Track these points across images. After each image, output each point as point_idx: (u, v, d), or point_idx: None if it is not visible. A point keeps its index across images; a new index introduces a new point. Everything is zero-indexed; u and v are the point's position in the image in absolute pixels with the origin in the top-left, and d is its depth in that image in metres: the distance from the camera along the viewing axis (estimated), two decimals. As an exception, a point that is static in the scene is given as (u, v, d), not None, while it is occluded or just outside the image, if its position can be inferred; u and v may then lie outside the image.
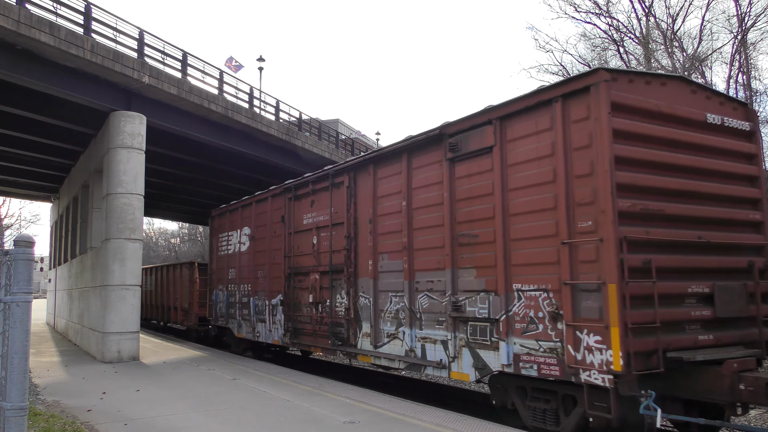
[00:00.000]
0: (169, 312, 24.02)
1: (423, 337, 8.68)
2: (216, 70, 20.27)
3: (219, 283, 16.78)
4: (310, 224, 12.04)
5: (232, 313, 15.76)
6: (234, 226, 16.11)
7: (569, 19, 27.78)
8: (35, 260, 21.25)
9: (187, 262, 22.09)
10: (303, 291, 12.20)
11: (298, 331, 12.38)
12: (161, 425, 7.49)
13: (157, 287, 26.07)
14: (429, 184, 8.75)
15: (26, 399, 3.95)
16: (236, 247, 15.69)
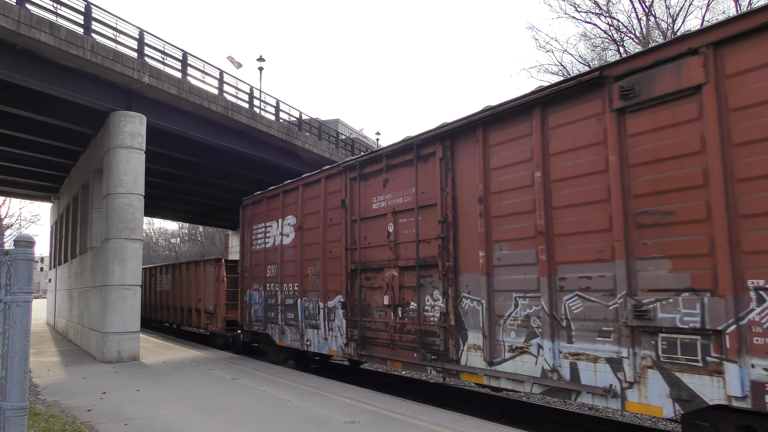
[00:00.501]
0: (189, 315, 21.37)
1: (574, 352, 6.59)
2: (216, 70, 20.29)
3: (254, 283, 14.63)
4: (382, 209, 9.87)
5: (272, 317, 13.58)
6: (273, 215, 13.84)
7: (569, 19, 27.83)
8: (35, 260, 21.12)
9: (212, 259, 19.31)
10: (373, 291, 10.05)
11: (367, 340, 10.12)
12: (161, 425, 7.49)
13: (174, 287, 23.18)
14: (580, 146, 6.66)
15: (26, 399, 3.96)
16: (276, 240, 13.53)
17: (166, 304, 24.48)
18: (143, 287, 25.61)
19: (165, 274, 24.64)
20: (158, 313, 25.72)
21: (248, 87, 22.53)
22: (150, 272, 27.03)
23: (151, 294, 26.82)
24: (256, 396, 9.48)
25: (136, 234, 15.36)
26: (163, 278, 24.74)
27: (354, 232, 10.61)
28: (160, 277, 25.24)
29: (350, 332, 10.52)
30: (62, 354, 16.49)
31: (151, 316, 26.64)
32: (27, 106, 15.83)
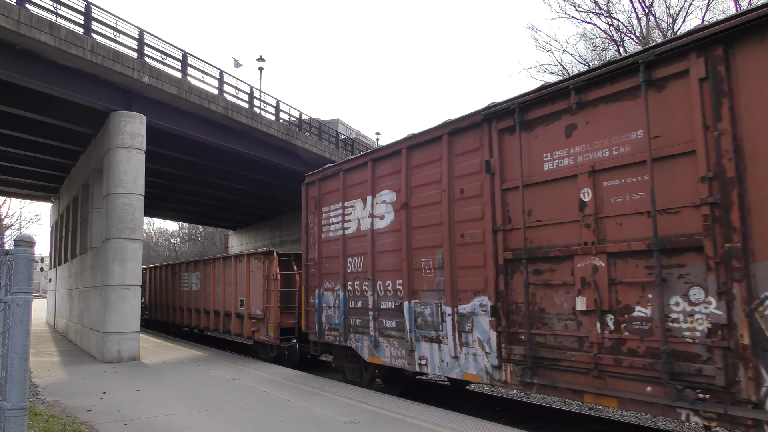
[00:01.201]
0: (226, 320, 17.68)
1: None
2: (216, 70, 20.30)
3: (325, 280, 11.52)
4: (567, 168, 6.90)
5: (358, 325, 10.51)
6: (356, 192, 10.80)
7: (569, 19, 27.85)
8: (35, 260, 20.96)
9: (259, 252, 15.55)
10: (552, 290, 6.96)
11: (541, 363, 7.00)
12: (161, 425, 7.49)
13: (204, 286, 19.49)
14: None
15: (26, 399, 3.96)
16: (363, 224, 10.48)
17: (190, 306, 20.79)
18: (161, 286, 24.37)
19: (192, 272, 20.91)
20: (178, 316, 22.26)
21: (248, 87, 22.57)
22: (171, 270, 23.27)
23: (170, 294, 23.26)
24: (256, 396, 9.48)
25: (136, 234, 15.36)
26: (190, 277, 21.06)
27: (509, 206, 7.59)
28: (184, 276, 21.58)
29: (506, 350, 7.40)
30: (62, 354, 16.49)
31: (168, 318, 23.46)
32: (27, 106, 15.84)
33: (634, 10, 25.39)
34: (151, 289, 26.25)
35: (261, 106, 23.44)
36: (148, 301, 26.41)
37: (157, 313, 25.02)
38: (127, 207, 15.21)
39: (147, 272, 26.63)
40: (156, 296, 25.31)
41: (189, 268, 21.26)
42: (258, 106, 22.94)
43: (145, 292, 26.52)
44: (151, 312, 26.01)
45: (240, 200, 34.04)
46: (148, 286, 26.46)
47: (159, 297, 24.87)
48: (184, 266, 21.81)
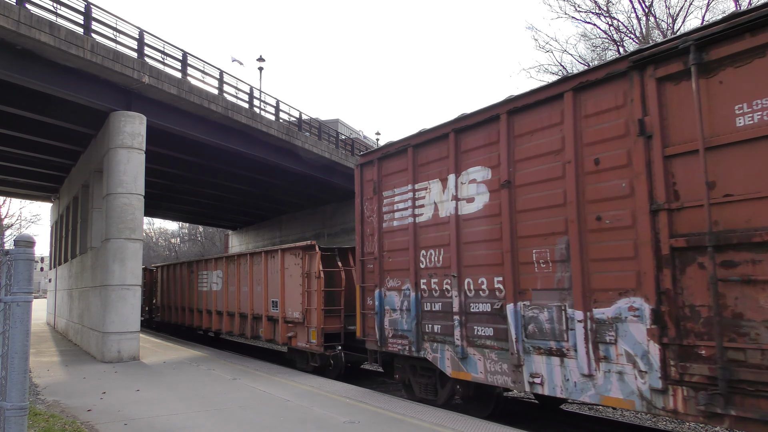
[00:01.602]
0: (253, 323, 15.69)
1: None
2: (216, 70, 20.31)
3: (389, 278, 9.57)
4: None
5: (434, 331, 8.62)
6: (430, 172, 8.90)
7: (569, 19, 27.82)
8: (35, 260, 20.87)
9: (297, 246, 13.49)
10: (757, 289, 5.21)
11: (740, 389, 5.23)
12: (161, 425, 7.49)
13: (228, 286, 17.38)
14: None
15: (26, 399, 3.96)
16: (442, 209, 8.65)
17: (210, 308, 18.71)
18: (174, 286, 22.53)
19: (212, 270, 18.70)
20: (196, 319, 20.14)
21: (248, 87, 22.58)
22: (187, 268, 21.23)
23: (185, 295, 21.29)
24: (257, 396, 9.48)
25: (136, 234, 15.37)
26: (209, 275, 18.84)
27: (675, 178, 5.78)
28: (203, 274, 19.40)
29: (677, 368, 5.60)
30: (62, 354, 16.49)
31: (184, 321, 21.51)
32: (27, 106, 15.84)
33: (634, 10, 25.40)
34: (163, 289, 24.44)
35: (261, 106, 23.46)
36: (159, 302, 24.91)
37: (170, 315, 23.24)
38: (127, 207, 15.21)
39: (159, 271, 25.13)
40: (169, 297, 23.38)
41: (209, 266, 18.89)
42: (258, 106, 22.95)
43: (157, 292, 25.46)
44: (163, 314, 24.27)
45: (240, 200, 34.05)
46: (159, 285, 24.98)
47: (172, 297, 22.84)
48: (203, 264, 19.52)
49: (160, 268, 25.02)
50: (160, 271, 24.97)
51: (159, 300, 25.05)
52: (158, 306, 25.19)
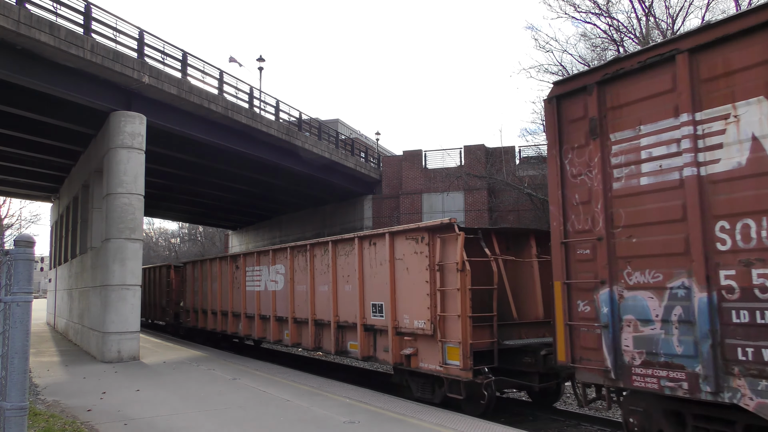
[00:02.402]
0: (338, 334, 11.67)
1: None
2: (216, 70, 20.31)
3: (631, 270, 6.10)
4: None
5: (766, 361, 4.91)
6: (738, 88, 5.26)
7: (569, 19, 27.78)
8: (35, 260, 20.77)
9: (422, 227, 9.61)
10: None
11: None
12: (161, 425, 7.49)
13: (292, 284, 13.35)
14: None
15: (26, 399, 3.96)
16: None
17: (264, 312, 14.82)
18: (209, 286, 18.55)
19: (268, 264, 14.57)
20: (236, 325, 16.60)
21: (248, 87, 22.58)
22: (230, 263, 17.04)
23: (225, 296, 17.21)
24: (256, 396, 9.48)
25: (136, 234, 15.37)
26: (265, 271, 14.80)
27: None
28: (255, 270, 15.39)
29: None
30: (62, 354, 16.49)
31: (222, 328, 17.66)
32: (27, 106, 15.84)
33: (634, 10, 25.32)
34: (192, 290, 20.36)
35: (261, 106, 23.46)
36: (190, 305, 20.53)
37: (204, 321, 19.07)
38: (127, 207, 15.21)
39: (190, 268, 20.87)
40: (204, 298, 19.12)
41: (264, 259, 14.92)
42: (258, 106, 22.96)
43: (186, 292, 21.25)
44: (195, 318, 20.02)
45: (240, 200, 34.06)
46: (190, 285, 20.63)
47: (208, 299, 18.66)
48: (256, 257, 15.37)
49: (191, 264, 20.92)
50: (192, 268, 20.58)
51: (190, 302, 20.56)
52: (185, 309, 21.14)
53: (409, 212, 30.49)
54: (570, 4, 26.30)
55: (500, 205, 28.65)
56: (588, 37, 26.95)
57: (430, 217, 29.37)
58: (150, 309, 26.87)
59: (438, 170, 30.74)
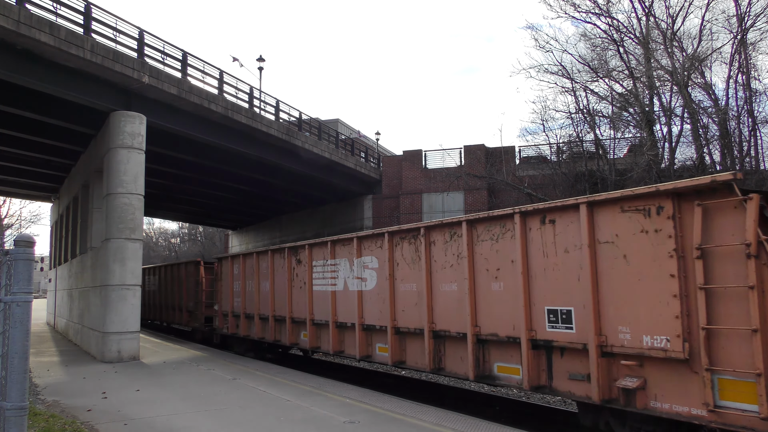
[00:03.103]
0: (480, 353, 8.35)
1: None
2: (216, 70, 20.30)
3: None
4: None
5: None
6: None
7: (569, 19, 27.78)
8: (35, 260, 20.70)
9: (661, 191, 6.10)
10: None
11: None
12: (161, 425, 7.49)
13: (392, 282, 10.08)
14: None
15: (26, 399, 3.96)
16: None
17: (341, 319, 11.45)
18: (260, 282, 14.87)
19: (352, 257, 11.21)
20: (296, 335, 13.29)
21: (248, 87, 22.58)
22: (288, 256, 13.53)
23: (280, 297, 13.90)
24: (256, 396, 9.48)
25: (136, 234, 15.37)
26: (341, 266, 11.59)
27: None
28: (327, 264, 12.06)
29: None
30: (62, 354, 16.49)
31: (275, 337, 14.21)
32: (27, 106, 15.84)
33: (634, 10, 25.33)
34: (230, 290, 16.69)
35: (261, 106, 23.46)
36: (229, 307, 16.69)
37: (248, 327, 15.63)
38: (127, 207, 15.22)
39: (229, 262, 16.94)
40: (242, 300, 15.84)
41: (341, 251, 11.55)
42: (258, 106, 22.95)
43: (221, 292, 17.51)
44: (234, 325, 16.42)
45: (240, 200, 34.06)
46: (224, 284, 17.19)
47: (251, 301, 15.27)
48: (327, 248, 11.87)
49: (230, 260, 16.95)
50: (231, 264, 16.79)
51: (228, 304, 16.78)
52: (227, 312, 16.89)
53: (409, 212, 30.49)
54: (570, 4, 26.33)
55: (500, 205, 28.61)
56: (588, 37, 26.96)
57: (429, 217, 29.31)
58: (167, 311, 24.38)
59: (438, 170, 30.74)
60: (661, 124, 24.57)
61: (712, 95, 24.06)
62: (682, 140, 24.28)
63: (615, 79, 26.18)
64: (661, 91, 24.62)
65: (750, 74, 22.98)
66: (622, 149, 26.46)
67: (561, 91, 27.28)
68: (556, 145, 28.08)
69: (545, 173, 27.43)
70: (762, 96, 23.73)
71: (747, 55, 22.82)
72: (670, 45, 24.01)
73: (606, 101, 26.32)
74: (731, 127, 22.66)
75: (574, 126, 26.85)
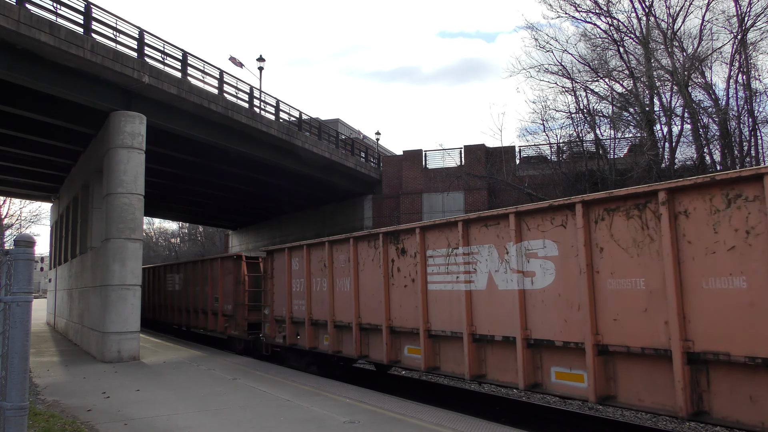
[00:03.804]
0: None
1: None
2: (216, 70, 20.30)
3: None
4: None
5: None
6: None
7: (569, 18, 27.76)
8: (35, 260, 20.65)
9: None
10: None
11: None
12: (161, 425, 7.49)
13: (588, 273, 6.75)
14: None
15: (26, 399, 3.95)
16: None
17: (480, 330, 8.25)
18: (340, 280, 11.46)
19: (513, 240, 7.78)
20: (392, 350, 10.03)
21: (248, 87, 22.58)
22: (386, 245, 10.20)
23: (369, 298, 10.63)
24: (256, 396, 9.48)
25: (136, 234, 15.37)
26: (482, 256, 8.32)
27: None
28: (454, 254, 8.77)
29: None
30: (62, 354, 16.49)
31: (346, 349, 11.38)
32: (27, 106, 15.84)
33: (634, 10, 25.31)
34: (287, 290, 13.26)
35: (261, 106, 23.45)
36: (277, 312, 13.74)
37: (311, 338, 12.37)
38: (127, 207, 15.21)
39: (281, 258, 13.64)
40: (307, 303, 12.43)
41: (482, 235, 8.37)
42: (258, 106, 22.95)
43: (271, 293, 14.13)
44: (288, 332, 13.15)
45: (240, 200, 34.06)
46: (278, 283, 13.80)
47: (321, 305, 12.01)
48: (458, 230, 8.62)
49: (287, 252, 13.33)
50: (288, 257, 13.27)
51: (286, 308, 13.25)
52: (282, 318, 13.49)
53: (410, 212, 30.48)
54: (570, 4, 26.32)
55: (500, 205, 28.61)
56: (588, 36, 26.94)
57: (430, 216, 29.36)
58: (192, 315, 20.52)
59: (438, 170, 30.73)
60: (662, 124, 24.58)
61: (712, 95, 24.06)
62: (683, 140, 24.30)
63: (615, 79, 26.17)
64: (661, 91, 24.62)
65: (750, 74, 22.97)
66: (622, 149, 26.46)
67: (561, 91, 27.26)
68: (556, 145, 28.07)
69: (545, 173, 27.42)
70: (762, 96, 23.73)
71: (747, 55, 22.81)
72: (670, 45, 23.99)
73: (606, 101, 26.33)
74: (731, 127, 22.66)
75: (574, 126, 26.86)
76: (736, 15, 22.68)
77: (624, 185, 20.95)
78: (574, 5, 26.24)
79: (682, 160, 24.21)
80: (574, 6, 26.28)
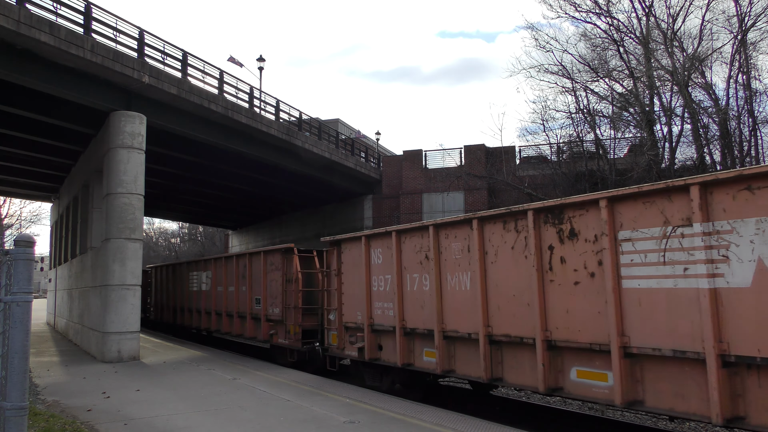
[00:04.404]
0: None
1: None
2: (216, 70, 20.30)
3: None
4: None
5: None
6: None
7: (569, 19, 27.74)
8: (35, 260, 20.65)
9: None
10: None
11: None
12: (161, 425, 7.49)
13: None
14: None
15: (26, 399, 3.95)
16: None
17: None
18: (457, 277, 8.51)
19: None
20: (553, 374, 7.20)
21: (248, 87, 22.58)
22: (537, 229, 7.44)
23: (502, 300, 7.95)
24: (256, 396, 9.48)
25: (136, 234, 15.37)
26: (745, 239, 5.39)
27: None
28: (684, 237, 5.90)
29: None
30: (62, 354, 16.49)
31: (465, 369, 8.67)
32: (27, 106, 15.84)
33: (634, 10, 25.30)
34: (371, 289, 10.61)
35: (261, 106, 23.45)
36: (354, 317, 11.05)
37: (404, 352, 9.70)
38: (127, 207, 15.21)
39: (350, 251, 11.32)
40: (401, 306, 9.76)
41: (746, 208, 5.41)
42: (258, 106, 22.95)
43: (338, 295, 11.52)
44: (369, 344, 10.51)
45: (240, 200, 34.06)
46: (348, 281, 11.31)
47: (417, 311, 9.45)
48: (710, 196, 5.66)
49: (364, 241, 10.80)
50: (366, 247, 10.77)
51: (364, 313, 10.67)
52: (356, 325, 10.94)
53: (410, 212, 30.48)
54: (570, 4, 26.30)
55: (500, 205, 28.58)
56: (588, 36, 26.92)
57: (430, 216, 29.36)
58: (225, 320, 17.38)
59: (438, 170, 30.73)
60: (662, 124, 24.57)
61: (712, 95, 24.04)
62: (683, 140, 24.29)
63: (615, 79, 26.16)
64: (661, 91, 24.61)
65: (750, 74, 22.97)
66: (622, 149, 26.45)
67: (561, 91, 27.24)
68: (556, 145, 28.05)
69: (545, 173, 27.41)
70: (762, 96, 23.73)
71: (747, 55, 22.81)
72: (670, 45, 23.98)
73: (606, 101, 26.31)
74: (731, 127, 22.65)
75: (574, 126, 26.84)
76: (737, 15, 22.68)
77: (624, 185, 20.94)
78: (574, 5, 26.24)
79: (682, 160, 24.22)
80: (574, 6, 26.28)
